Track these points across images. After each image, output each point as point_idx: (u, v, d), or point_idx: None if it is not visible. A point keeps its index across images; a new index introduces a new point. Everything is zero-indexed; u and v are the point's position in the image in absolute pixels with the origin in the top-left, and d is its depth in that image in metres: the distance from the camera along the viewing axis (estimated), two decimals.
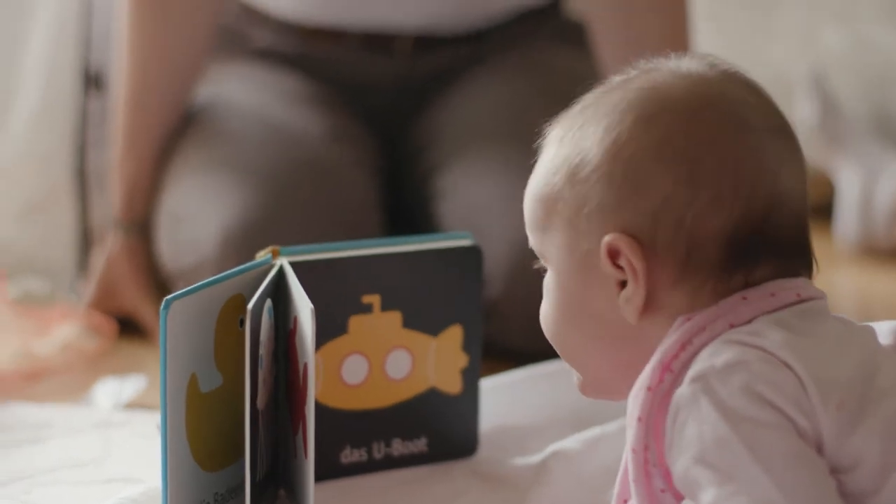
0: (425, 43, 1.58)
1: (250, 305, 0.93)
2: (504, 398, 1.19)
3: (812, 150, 2.10)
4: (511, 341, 1.40)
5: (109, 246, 1.55)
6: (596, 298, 0.85)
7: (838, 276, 1.96)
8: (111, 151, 1.57)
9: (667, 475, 0.81)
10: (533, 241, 0.89)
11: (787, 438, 0.76)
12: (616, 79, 0.88)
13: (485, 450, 1.11)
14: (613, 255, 0.83)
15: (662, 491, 0.81)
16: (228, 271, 0.98)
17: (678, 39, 1.50)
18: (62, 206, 1.77)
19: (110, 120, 1.60)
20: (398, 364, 1.08)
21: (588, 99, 0.88)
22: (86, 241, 1.74)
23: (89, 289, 1.56)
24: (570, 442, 1.08)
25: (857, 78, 2.23)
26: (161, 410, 0.93)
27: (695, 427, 0.78)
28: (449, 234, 1.12)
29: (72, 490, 1.07)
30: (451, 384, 1.10)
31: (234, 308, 0.98)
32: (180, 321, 0.94)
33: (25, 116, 1.78)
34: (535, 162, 0.90)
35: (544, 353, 1.08)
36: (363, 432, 1.08)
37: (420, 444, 1.10)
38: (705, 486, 0.76)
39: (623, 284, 0.84)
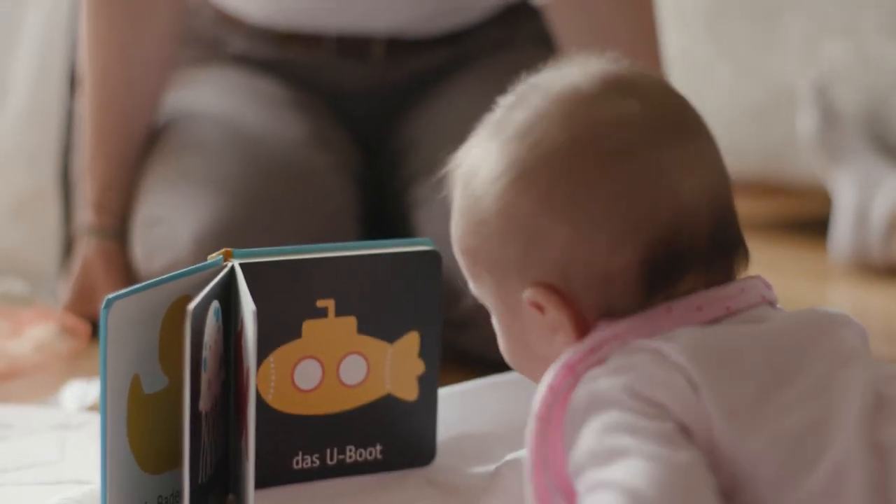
0: (399, 46, 1.57)
1: (192, 306, 0.91)
2: (463, 406, 1.18)
3: (812, 162, 2.09)
4: (487, 352, 1.38)
5: (84, 249, 1.54)
6: (538, 342, 0.86)
7: (832, 291, 1.94)
8: (82, 156, 1.57)
9: (556, 475, 0.80)
10: (471, 286, 0.91)
11: (661, 424, 0.75)
12: (502, 105, 0.88)
13: (442, 458, 1.10)
14: (538, 306, 0.83)
15: (552, 490, 0.81)
16: (175, 272, 0.97)
17: (644, 42, 1.48)
18: (47, 208, 1.77)
19: (82, 124, 1.60)
20: (353, 370, 1.07)
21: (482, 133, 0.88)
22: (70, 243, 1.74)
23: (65, 291, 1.55)
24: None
25: (858, 90, 2.22)
26: (101, 411, 0.92)
27: (586, 426, 0.78)
28: (409, 239, 1.11)
29: (19, 490, 1.06)
30: (408, 391, 1.09)
31: (181, 309, 0.96)
32: (123, 321, 0.93)
33: (12, 117, 1.78)
34: None
35: None
36: (316, 438, 1.06)
37: (375, 452, 1.08)
38: (602, 472, 0.75)
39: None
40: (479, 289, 0.89)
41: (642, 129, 0.82)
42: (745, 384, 0.77)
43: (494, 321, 0.90)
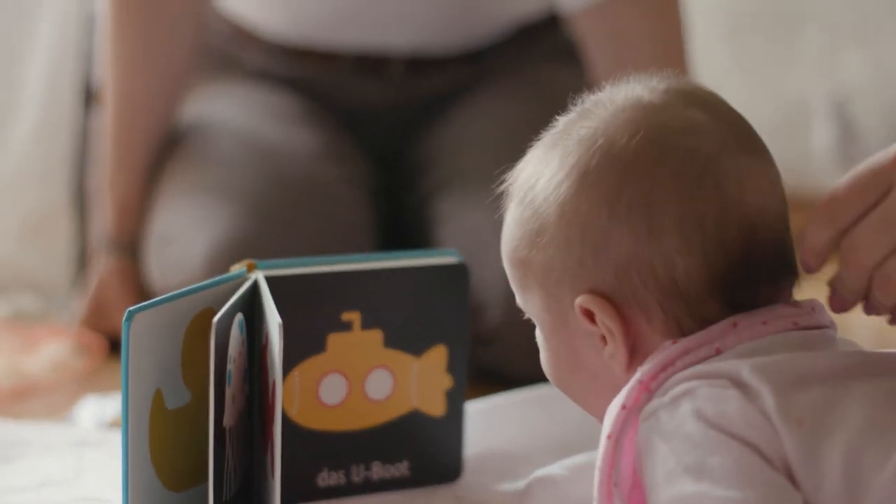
0: (418, 65, 1.55)
1: (216, 319, 0.89)
2: (491, 422, 1.16)
3: (830, 176, 2.07)
4: (514, 368, 1.36)
5: (101, 265, 1.52)
6: (585, 354, 0.84)
7: (856, 309, 1.91)
8: (102, 170, 1.55)
9: (630, 497, 0.79)
10: (517, 299, 0.89)
11: (729, 454, 0.74)
12: (563, 121, 0.86)
13: (469, 475, 1.07)
14: (589, 315, 0.82)
15: None
16: (197, 284, 0.95)
17: (671, 54, 1.47)
18: (61, 224, 1.76)
19: (101, 138, 1.58)
20: (379, 384, 1.04)
21: (541, 146, 0.86)
22: (83, 259, 1.72)
23: (81, 307, 1.53)
24: (556, 468, 1.04)
25: (877, 103, 2.20)
26: (122, 426, 0.90)
27: (658, 467, 0.76)
28: (435, 251, 1.08)
29: None
30: (435, 406, 1.06)
31: (203, 322, 0.94)
32: (145, 334, 0.90)
33: (25, 133, 1.76)
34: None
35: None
36: (342, 454, 1.04)
37: (401, 468, 1.06)
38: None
39: (606, 339, 0.82)
40: (526, 301, 0.88)
41: (709, 138, 0.81)
42: (808, 390, 0.76)
43: (539, 335, 0.88)
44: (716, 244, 0.80)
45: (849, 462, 0.73)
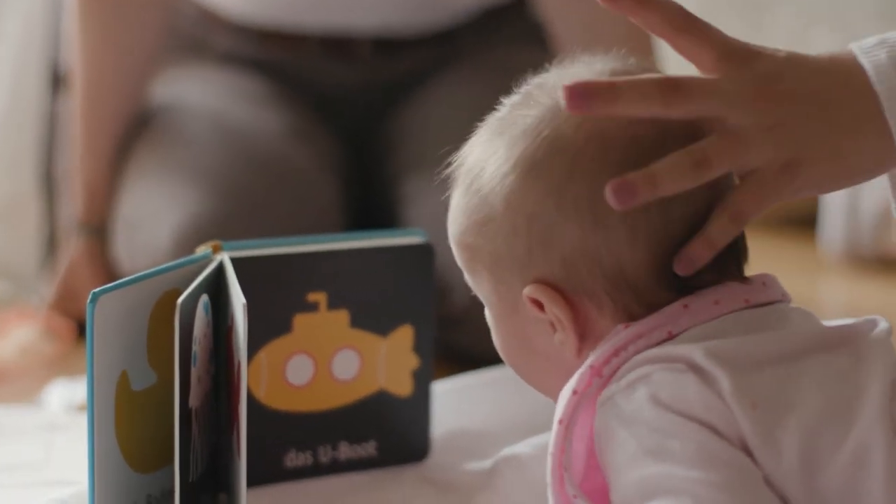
0: (385, 45, 1.55)
1: (180, 300, 0.89)
2: (458, 401, 1.16)
3: None
4: (483, 348, 1.35)
5: (71, 248, 1.52)
6: (536, 339, 0.84)
7: (824, 285, 1.92)
8: (71, 153, 1.55)
9: (583, 483, 0.79)
10: (466, 278, 0.89)
11: (696, 436, 0.74)
12: (508, 104, 0.86)
13: (436, 454, 1.08)
14: (537, 304, 0.82)
15: (574, 497, 0.79)
16: (162, 266, 0.95)
17: (637, 33, 1.47)
18: (29, 209, 1.75)
19: (70, 121, 1.58)
20: (346, 365, 1.05)
21: (486, 131, 0.86)
22: (52, 244, 1.71)
23: (50, 291, 1.53)
24: (523, 447, 1.05)
25: None
26: (88, 408, 0.90)
27: (618, 452, 0.76)
28: (400, 230, 1.09)
29: (6, 493, 1.04)
30: (402, 386, 1.07)
31: (169, 304, 0.94)
32: (109, 316, 0.90)
33: None
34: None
35: None
36: (309, 435, 1.04)
37: (369, 448, 1.06)
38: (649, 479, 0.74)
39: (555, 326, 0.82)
40: (474, 283, 0.88)
41: (653, 127, 0.80)
42: (762, 373, 0.76)
43: (488, 315, 0.88)
44: (662, 233, 0.79)
45: (805, 445, 0.74)
